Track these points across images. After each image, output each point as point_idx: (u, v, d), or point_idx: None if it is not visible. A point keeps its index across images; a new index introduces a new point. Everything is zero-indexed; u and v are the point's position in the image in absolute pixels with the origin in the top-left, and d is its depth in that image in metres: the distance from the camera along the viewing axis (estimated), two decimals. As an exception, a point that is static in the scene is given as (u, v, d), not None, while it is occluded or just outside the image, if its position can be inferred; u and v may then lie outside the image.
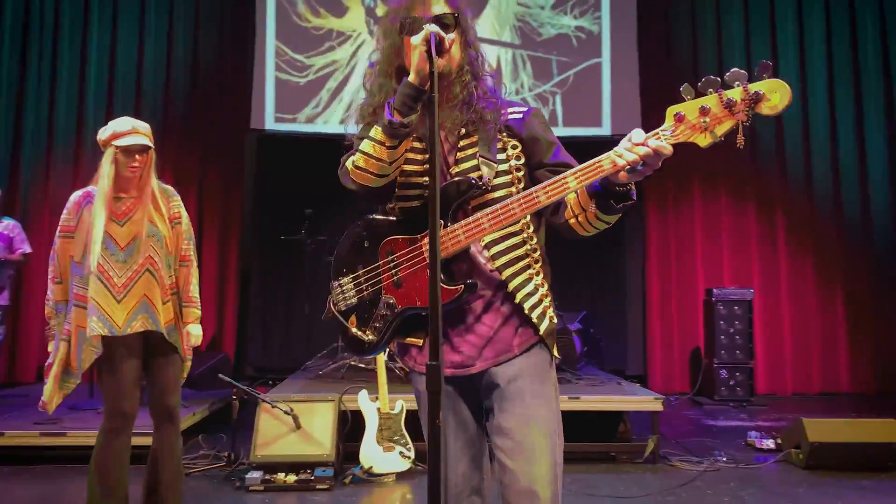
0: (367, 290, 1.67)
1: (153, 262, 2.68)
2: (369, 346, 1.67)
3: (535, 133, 1.67)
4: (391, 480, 3.67)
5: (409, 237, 1.64)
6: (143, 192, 2.69)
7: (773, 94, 1.35)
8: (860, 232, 6.98)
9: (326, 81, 6.77)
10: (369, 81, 1.73)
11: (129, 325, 2.62)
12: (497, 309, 1.62)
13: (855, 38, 7.06)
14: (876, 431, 3.85)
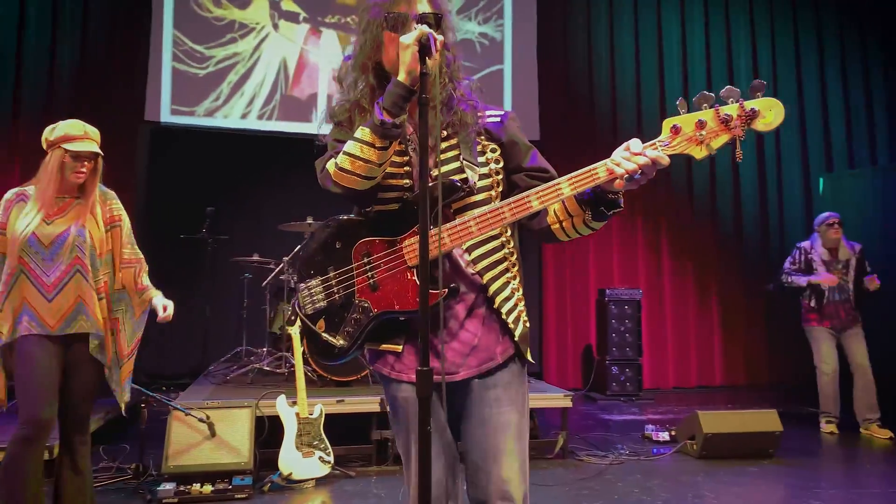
0: (339, 293, 1.63)
1: (82, 262, 2.59)
2: (340, 352, 1.63)
3: (514, 137, 1.69)
4: (311, 486, 3.62)
5: (387, 239, 1.61)
6: (87, 197, 2.63)
7: (769, 112, 1.43)
8: (733, 240, 7.60)
9: (227, 74, 6.54)
10: (344, 76, 1.70)
11: (67, 325, 2.55)
12: (480, 315, 1.63)
13: (730, 49, 7.67)
14: (760, 421, 4.23)
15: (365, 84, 1.65)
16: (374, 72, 1.65)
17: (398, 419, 1.68)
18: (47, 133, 2.62)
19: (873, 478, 3.91)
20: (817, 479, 3.81)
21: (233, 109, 6.53)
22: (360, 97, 1.64)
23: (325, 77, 6.74)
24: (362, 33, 1.66)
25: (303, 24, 6.75)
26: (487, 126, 1.68)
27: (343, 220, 1.68)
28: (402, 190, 1.62)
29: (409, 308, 1.59)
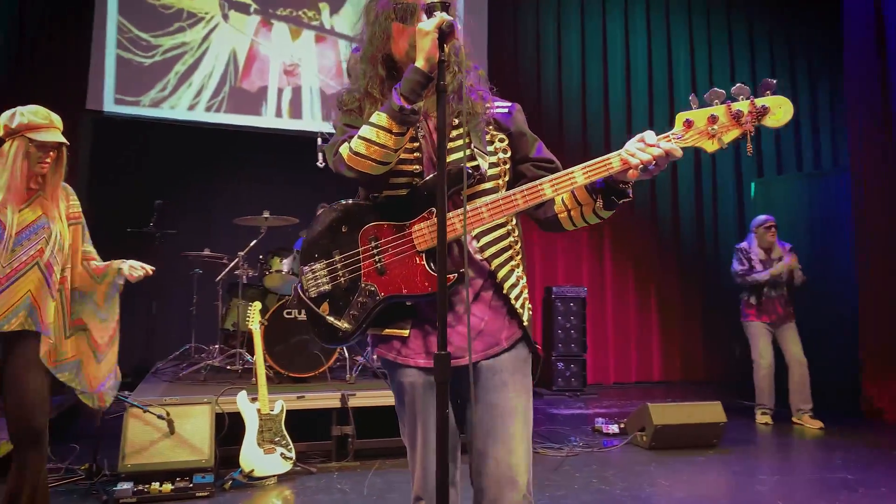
0: (344, 276, 1.64)
1: (43, 255, 2.47)
2: (344, 336, 1.64)
3: (521, 128, 1.74)
4: (273, 483, 3.59)
5: (395, 224, 1.63)
6: (52, 188, 2.53)
7: (779, 109, 1.48)
8: (671, 242, 7.89)
9: (175, 64, 6.37)
10: (353, 67, 1.72)
11: (6, 321, 2.39)
12: (486, 300, 1.65)
13: (670, 56, 7.96)
14: (705, 413, 4.43)
15: (374, 74, 1.66)
16: (383, 63, 1.67)
17: (404, 404, 1.69)
18: (6, 119, 2.48)
19: (808, 464, 4.15)
20: (759, 466, 4.03)
21: (180, 100, 6.37)
22: (370, 87, 1.66)
23: (276, 70, 6.65)
24: (370, 25, 1.68)
25: (253, 16, 6.63)
26: (496, 116, 1.71)
27: (350, 204, 1.68)
28: (412, 175, 1.63)
29: (417, 292, 1.61)
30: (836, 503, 3.33)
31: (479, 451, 1.64)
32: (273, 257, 4.75)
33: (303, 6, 6.78)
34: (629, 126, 7.71)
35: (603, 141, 7.63)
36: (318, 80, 6.76)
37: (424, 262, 1.61)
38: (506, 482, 1.61)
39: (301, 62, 6.71)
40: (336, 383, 4.37)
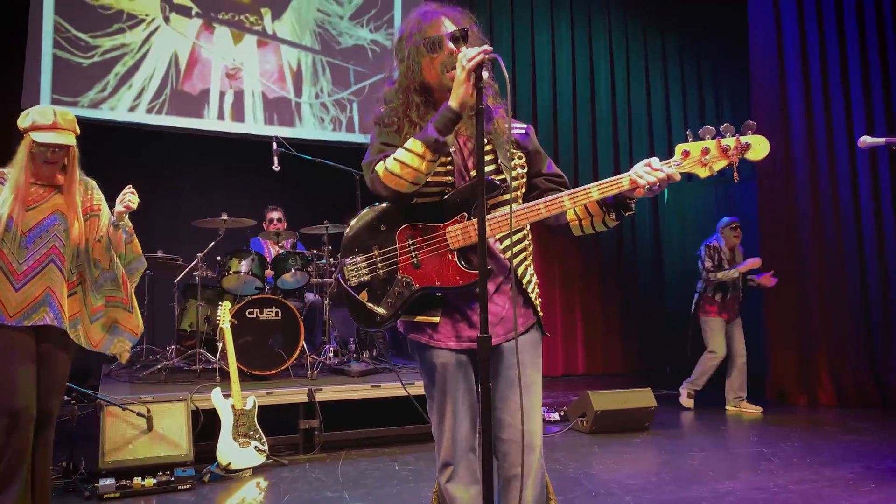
0: (382, 269, 1.88)
1: (58, 252, 2.58)
2: (381, 320, 1.87)
3: (536, 147, 2.01)
4: (248, 475, 3.75)
5: (430, 225, 1.87)
6: (67, 186, 2.61)
7: (758, 146, 1.79)
8: (592, 245, 8.42)
9: (114, 65, 6.31)
10: (391, 97, 1.94)
11: (26, 316, 2.52)
12: (506, 292, 1.91)
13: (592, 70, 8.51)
14: (639, 399, 4.89)
15: (411, 101, 1.90)
16: (417, 91, 1.90)
17: (434, 382, 1.92)
18: (20, 119, 2.57)
19: (729, 441, 4.67)
20: (690, 445, 4.51)
21: (120, 101, 6.32)
22: (409, 111, 1.89)
23: (218, 73, 6.70)
24: (404, 62, 1.92)
25: (195, 19, 6.66)
26: (515, 137, 1.98)
27: (389, 206, 1.91)
28: (444, 185, 1.88)
29: (449, 285, 1.85)
30: (758, 472, 3.82)
31: (502, 421, 1.90)
32: (231, 259, 4.86)
33: (245, 11, 6.86)
34: (555, 134, 8.18)
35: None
36: (259, 84, 6.85)
37: (456, 259, 1.85)
38: (526, 447, 1.88)
39: (243, 66, 6.79)
40: (298, 380, 4.55)
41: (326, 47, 7.13)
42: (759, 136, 1.78)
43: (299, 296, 5.41)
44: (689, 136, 1.85)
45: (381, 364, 5.21)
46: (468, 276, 1.83)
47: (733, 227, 5.69)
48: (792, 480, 3.63)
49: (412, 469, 3.90)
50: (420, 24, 1.89)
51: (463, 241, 1.85)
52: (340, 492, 3.45)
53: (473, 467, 1.94)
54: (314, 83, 7.04)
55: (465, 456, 1.92)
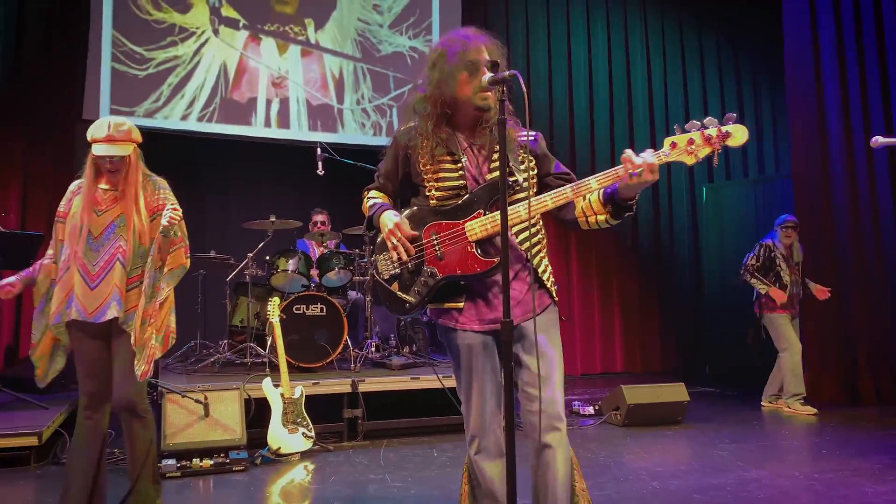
0: (410, 262, 2.12)
1: (123, 252, 2.79)
2: (410, 307, 2.12)
3: (544, 151, 2.25)
4: (296, 459, 4.00)
5: (451, 222, 2.12)
6: (127, 189, 2.80)
7: (737, 134, 1.96)
8: (630, 243, 8.51)
9: (168, 76, 6.68)
10: (418, 103, 2.19)
11: (101, 313, 2.73)
12: (523, 278, 2.13)
13: (628, 70, 8.61)
14: (671, 393, 5.01)
15: (433, 112, 2.14)
16: (443, 104, 2.14)
17: (461, 362, 2.14)
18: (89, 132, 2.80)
19: (759, 434, 4.75)
20: (720, 437, 4.61)
21: (173, 111, 6.68)
22: (428, 121, 2.15)
23: (265, 82, 7.02)
24: (439, 72, 2.13)
25: (243, 31, 6.99)
26: (526, 143, 2.17)
27: (415, 209, 2.18)
28: (458, 188, 2.14)
29: (469, 272, 2.08)
30: (785, 462, 3.92)
31: (528, 394, 2.09)
32: (279, 258, 5.13)
33: (289, 22, 7.17)
34: (592, 134, 8.31)
35: (569, 150, 8.21)
36: (304, 91, 7.15)
37: (475, 250, 2.09)
38: (553, 416, 2.08)
39: (288, 75, 7.10)
40: (342, 372, 4.79)
41: (367, 55, 7.39)
42: (739, 125, 1.96)
43: (343, 293, 5.67)
44: (678, 130, 2.03)
45: (421, 359, 5.43)
46: (486, 264, 2.07)
47: (785, 227, 5.64)
48: (818, 470, 3.73)
49: (450, 456, 4.11)
50: (465, 46, 2.13)
51: (480, 234, 2.09)
52: (382, 474, 3.68)
53: (499, 441, 2.15)
54: (355, 90, 7.31)
55: (491, 430, 2.13)
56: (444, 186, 2.13)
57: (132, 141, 2.85)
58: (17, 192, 6.10)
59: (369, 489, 3.41)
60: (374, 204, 2.27)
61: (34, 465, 3.83)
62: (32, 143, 6.26)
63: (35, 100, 6.26)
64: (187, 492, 3.45)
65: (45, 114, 6.32)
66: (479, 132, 2.19)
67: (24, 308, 6.06)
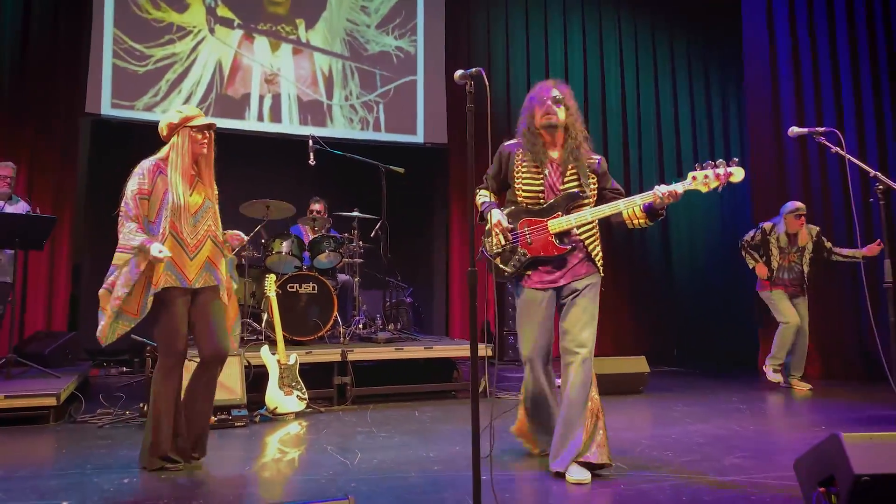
0: (508, 244, 3.11)
1: (213, 232, 3.21)
2: (508, 275, 3.12)
3: (605, 172, 3.19)
4: (291, 418, 4.44)
5: (539, 219, 3.11)
6: (208, 168, 3.22)
7: (738, 173, 2.89)
8: (606, 234, 8.96)
9: (166, 73, 7.08)
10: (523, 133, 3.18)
11: (197, 280, 3.14)
12: (577, 256, 3.11)
13: (603, 70, 9.10)
14: (633, 365, 5.49)
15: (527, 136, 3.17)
16: (531, 130, 3.16)
17: (523, 307, 3.13)
18: (169, 120, 3.17)
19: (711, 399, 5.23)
20: (675, 402, 5.10)
21: (171, 105, 7.07)
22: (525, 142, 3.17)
23: (258, 78, 7.43)
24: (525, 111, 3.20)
25: (237, 30, 7.40)
26: (593, 165, 3.15)
27: (513, 208, 3.16)
28: (539, 194, 3.11)
29: (549, 254, 3.09)
30: (729, 419, 4.41)
31: (565, 330, 3.10)
32: (274, 240, 5.56)
33: (281, 22, 7.59)
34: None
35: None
36: (295, 88, 7.58)
37: (554, 239, 3.08)
38: (577, 344, 3.05)
39: (280, 72, 7.52)
40: (333, 344, 5.23)
41: (355, 54, 7.83)
42: (739, 168, 2.89)
43: (332, 276, 6.10)
44: (698, 167, 2.95)
45: (405, 334, 5.89)
46: (560, 249, 3.08)
47: (797, 215, 5.76)
48: (755, 424, 4.22)
49: (430, 415, 4.56)
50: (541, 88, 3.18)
51: (558, 229, 3.07)
52: (369, 428, 4.13)
53: (544, 362, 3.18)
54: (344, 87, 7.74)
55: (538, 355, 3.15)
56: (529, 190, 3.11)
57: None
58: (24, 177, 6.46)
59: (358, 438, 3.86)
60: (484, 202, 3.19)
61: (53, 423, 4.24)
62: (40, 130, 6.63)
63: (41, 91, 6.64)
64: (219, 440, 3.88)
65: (50, 104, 6.71)
66: (560, 149, 3.15)
67: (28, 289, 6.45)
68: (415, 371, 5.36)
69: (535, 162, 3.10)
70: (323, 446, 3.65)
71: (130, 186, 3.12)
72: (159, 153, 3.22)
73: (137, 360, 6.17)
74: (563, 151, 3.12)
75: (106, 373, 6.44)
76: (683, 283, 8.97)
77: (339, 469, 3.17)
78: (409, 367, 5.33)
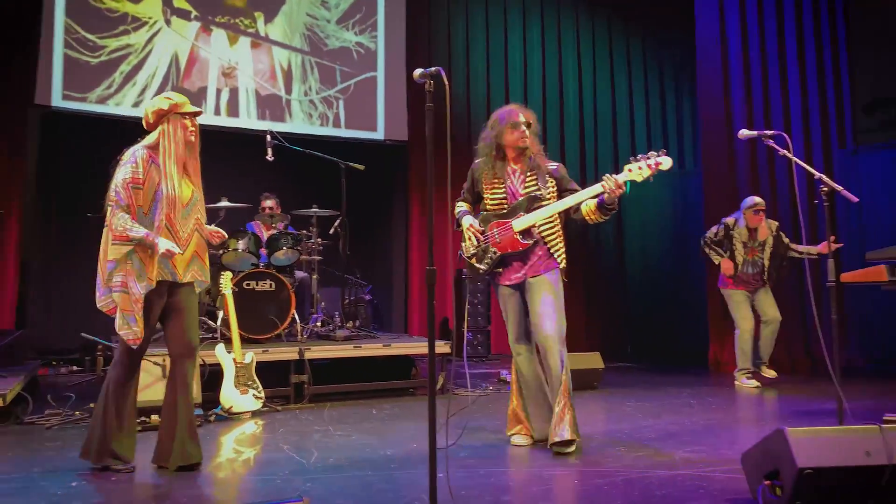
0: (482, 245, 3.55)
1: (200, 224, 3.14)
2: (483, 272, 3.55)
3: (563, 175, 3.57)
4: (248, 417, 4.41)
5: (504, 221, 3.52)
6: (195, 158, 3.14)
7: (666, 163, 3.30)
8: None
9: (120, 64, 6.92)
10: (482, 149, 3.60)
11: (184, 274, 3.08)
12: (537, 253, 3.50)
13: (561, 69, 9.21)
14: (587, 361, 5.59)
15: (491, 153, 3.58)
16: (495, 147, 3.57)
17: (502, 304, 3.60)
18: (158, 106, 3.08)
19: (663, 395, 5.34)
20: (629, 397, 5.21)
21: (125, 98, 6.93)
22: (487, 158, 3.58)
23: (215, 72, 7.32)
24: (493, 129, 3.56)
25: (194, 22, 7.28)
26: (550, 170, 3.55)
27: (484, 213, 3.60)
28: (502, 199, 3.55)
29: (515, 250, 3.49)
30: (679, 414, 4.53)
31: (534, 323, 3.47)
32: (230, 238, 5.48)
33: (240, 14, 7.49)
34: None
35: (504, 143, 8.75)
36: (253, 82, 7.49)
37: (518, 236, 3.47)
38: (549, 338, 3.41)
39: (238, 65, 7.42)
40: (290, 342, 5.20)
41: (315, 48, 7.77)
42: (667, 157, 3.31)
43: (290, 272, 6.05)
44: (632, 160, 3.33)
45: (364, 332, 5.88)
46: (524, 244, 3.48)
47: (756, 211, 5.74)
48: (705, 419, 4.34)
49: (388, 413, 4.58)
50: (510, 113, 3.54)
51: (521, 227, 3.46)
52: (326, 427, 4.12)
53: (528, 345, 3.61)
54: (303, 81, 7.68)
55: (521, 340, 3.63)
56: (495, 197, 3.57)
57: None
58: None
59: (314, 437, 3.85)
60: (461, 211, 3.66)
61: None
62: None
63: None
64: (147, 443, 3.82)
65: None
66: (521, 161, 3.57)
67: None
68: (373, 368, 5.37)
69: (497, 173, 3.54)
70: (279, 445, 3.64)
71: (122, 175, 2.99)
72: (146, 141, 3.10)
73: (89, 359, 6.02)
74: (523, 163, 3.56)
75: (55, 372, 6.28)
76: (636, 279, 9.14)
77: (296, 469, 3.17)
78: (367, 364, 5.33)
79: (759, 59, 7.16)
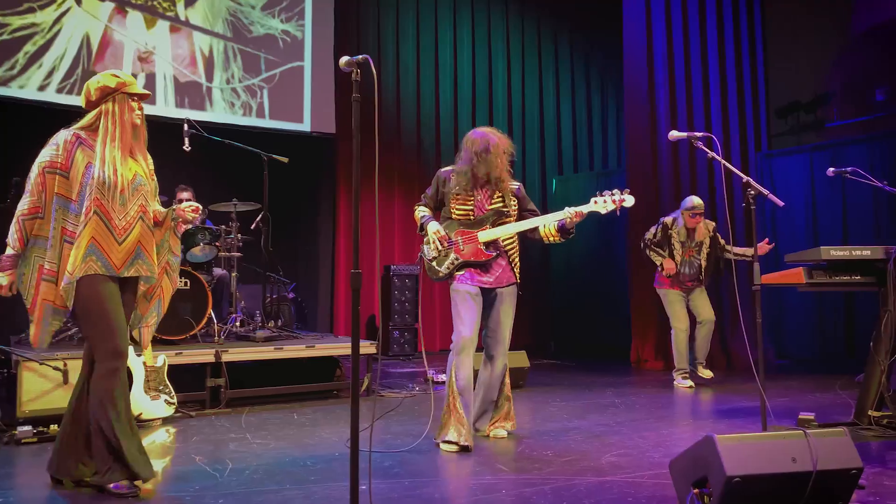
0: (444, 250, 3.74)
1: (145, 210, 2.84)
2: (442, 276, 3.76)
3: (523, 195, 3.87)
4: (158, 424, 4.15)
5: (470, 230, 3.74)
6: (141, 141, 2.87)
7: (630, 200, 3.63)
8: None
9: (24, 44, 6.44)
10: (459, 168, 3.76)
11: (127, 268, 2.78)
12: (501, 265, 3.77)
13: (490, 67, 9.17)
14: (513, 360, 5.49)
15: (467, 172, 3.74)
16: (470, 171, 3.72)
17: (458, 302, 3.67)
18: (103, 83, 2.80)
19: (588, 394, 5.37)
20: (554, 397, 5.20)
21: (30, 80, 6.46)
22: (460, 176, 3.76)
23: (130, 56, 6.92)
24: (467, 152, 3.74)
25: (108, 2, 6.84)
26: (513, 189, 3.81)
27: (449, 219, 3.78)
28: (469, 211, 3.76)
29: (479, 259, 3.72)
30: (604, 414, 4.54)
31: (490, 328, 3.82)
32: (143, 232, 5.17)
33: (157, -4, 7.09)
34: (455, 126, 8.77)
35: (434, 141, 8.66)
36: (171, 68, 7.11)
37: (482, 247, 3.72)
38: (500, 342, 3.81)
39: (156, 50, 7.03)
40: (206, 344, 4.94)
41: (238, 35, 7.45)
42: (630, 196, 3.65)
43: (208, 270, 5.77)
44: (598, 194, 3.67)
45: (286, 332, 5.66)
46: (487, 255, 3.72)
47: (693, 214, 5.69)
48: (630, 419, 4.36)
49: (309, 417, 4.41)
50: (488, 141, 3.71)
51: (486, 239, 3.71)
52: (243, 434, 3.92)
53: (472, 350, 3.70)
54: (225, 69, 7.35)
55: (469, 342, 3.67)
56: (462, 209, 3.77)
57: None
58: None
59: (230, 446, 3.65)
60: (424, 216, 3.84)
61: None
62: None
63: None
64: (45, 455, 3.53)
65: None
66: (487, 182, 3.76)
67: None
68: (296, 370, 5.17)
69: (468, 189, 3.73)
70: (191, 456, 3.42)
71: (39, 158, 2.76)
72: (81, 122, 2.85)
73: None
74: (491, 183, 3.76)
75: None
76: (560, 276, 9.22)
77: (207, 483, 2.97)
78: (289, 366, 5.13)
79: (682, 61, 7.29)
